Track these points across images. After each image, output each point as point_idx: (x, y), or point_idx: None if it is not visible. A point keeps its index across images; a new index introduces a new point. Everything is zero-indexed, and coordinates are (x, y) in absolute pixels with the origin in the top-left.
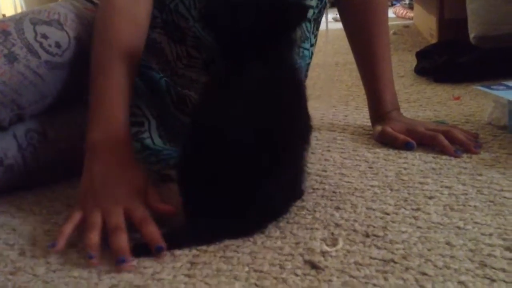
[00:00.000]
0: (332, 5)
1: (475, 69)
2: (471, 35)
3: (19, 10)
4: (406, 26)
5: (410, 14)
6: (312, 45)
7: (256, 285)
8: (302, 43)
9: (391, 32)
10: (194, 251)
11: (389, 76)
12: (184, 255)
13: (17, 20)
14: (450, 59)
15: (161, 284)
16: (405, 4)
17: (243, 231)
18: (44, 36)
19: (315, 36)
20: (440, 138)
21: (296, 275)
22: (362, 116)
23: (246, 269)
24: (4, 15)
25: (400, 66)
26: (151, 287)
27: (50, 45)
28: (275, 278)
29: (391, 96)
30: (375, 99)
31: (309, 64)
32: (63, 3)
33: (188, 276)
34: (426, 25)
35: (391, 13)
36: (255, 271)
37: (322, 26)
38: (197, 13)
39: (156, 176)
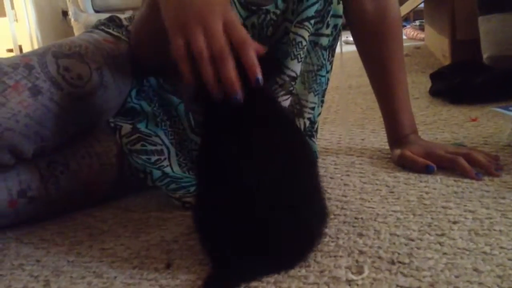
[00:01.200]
0: (344, 28)
1: (491, 90)
2: (485, 56)
3: (34, 41)
4: (418, 48)
5: (421, 35)
6: (328, 72)
7: None
8: (318, 71)
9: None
10: None
11: (405, 98)
12: None
13: (40, 54)
14: (465, 80)
15: None
16: (415, 25)
17: (277, 267)
18: (67, 69)
19: (331, 63)
20: (461, 161)
21: None
22: (379, 140)
23: None
24: (20, 46)
25: (414, 87)
26: None
27: (72, 78)
28: None
29: (409, 119)
30: (393, 122)
31: (325, 89)
32: (83, 36)
33: None
34: (438, 46)
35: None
36: None
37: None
38: None
39: (177, 203)
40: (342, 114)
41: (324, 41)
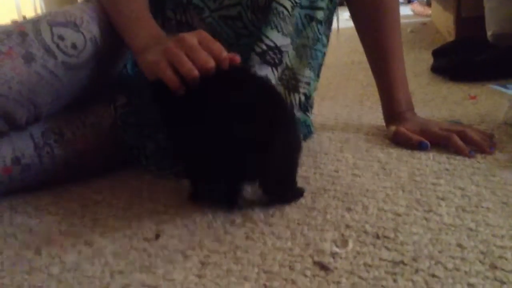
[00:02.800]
0: (342, 4)
1: (492, 68)
2: (489, 33)
3: (39, 12)
4: (424, 24)
5: (428, 11)
6: (324, 46)
7: (265, 286)
8: (314, 45)
9: (408, 30)
10: (205, 252)
11: (402, 75)
12: (195, 255)
13: (34, 22)
14: (467, 58)
15: (173, 284)
16: (422, 1)
17: None
18: (61, 37)
19: (327, 37)
20: (454, 138)
21: (305, 276)
22: (376, 116)
23: (256, 270)
24: (24, 17)
25: (417, 64)
26: (162, 287)
27: (66, 46)
28: (285, 279)
29: (405, 96)
30: (389, 99)
31: (321, 64)
32: (80, 6)
33: (199, 276)
34: (444, 22)
35: (409, 10)
36: (265, 272)
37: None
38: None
39: (168, 173)
40: (342, 90)
41: (319, 14)
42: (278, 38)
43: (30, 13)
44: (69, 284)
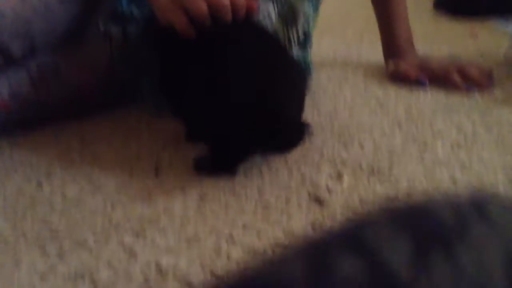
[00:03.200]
0: None
1: (496, 4)
2: None
3: None
4: None
5: None
6: None
7: (262, 218)
8: None
9: None
10: (204, 187)
11: (403, 11)
12: (194, 190)
13: None
14: None
15: (172, 217)
16: None
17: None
18: None
19: None
20: (453, 74)
21: (301, 209)
22: (376, 53)
23: (253, 203)
24: None
25: (419, 1)
26: (162, 220)
27: None
28: (281, 212)
29: (405, 32)
30: (389, 35)
31: (320, 0)
32: None
33: (198, 209)
34: None
35: None
36: (262, 205)
37: None
38: None
39: (166, 110)
40: (342, 25)
41: None
42: None
43: None
44: (72, 216)
